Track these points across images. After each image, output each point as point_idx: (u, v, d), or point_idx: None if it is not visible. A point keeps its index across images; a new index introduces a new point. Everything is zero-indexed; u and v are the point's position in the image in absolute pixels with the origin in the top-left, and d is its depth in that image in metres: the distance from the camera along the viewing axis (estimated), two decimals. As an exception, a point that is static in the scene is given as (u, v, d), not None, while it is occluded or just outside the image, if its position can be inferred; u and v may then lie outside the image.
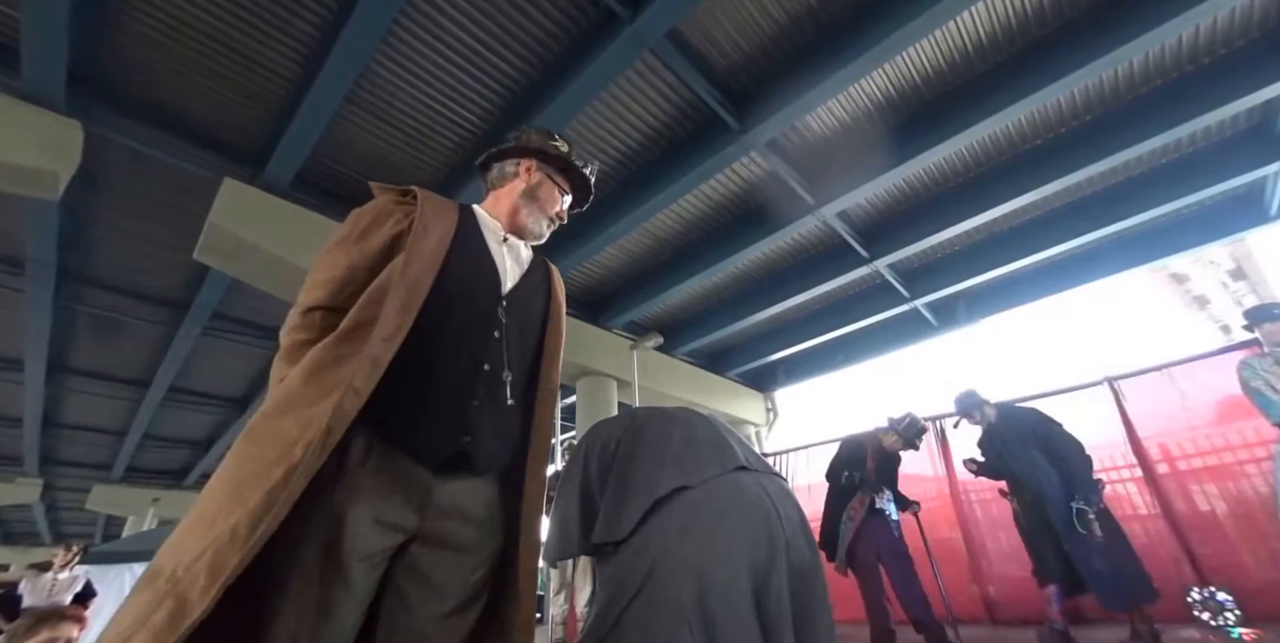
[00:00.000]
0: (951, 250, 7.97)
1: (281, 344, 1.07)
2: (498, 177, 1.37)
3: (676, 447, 1.39)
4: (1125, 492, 4.21)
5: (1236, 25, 4.96)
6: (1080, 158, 5.94)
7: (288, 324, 1.08)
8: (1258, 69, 5.00)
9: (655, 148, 6.07)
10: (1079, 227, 7.06)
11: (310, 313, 1.06)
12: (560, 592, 4.48)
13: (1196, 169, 6.34)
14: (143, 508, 15.77)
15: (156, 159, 5.48)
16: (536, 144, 1.38)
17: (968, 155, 6.38)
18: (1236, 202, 6.96)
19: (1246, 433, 3.75)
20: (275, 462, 0.83)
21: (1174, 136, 5.64)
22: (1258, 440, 3.64)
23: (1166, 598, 3.20)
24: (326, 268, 1.09)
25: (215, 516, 0.80)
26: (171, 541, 0.82)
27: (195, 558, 0.76)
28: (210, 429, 13.31)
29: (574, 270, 8.04)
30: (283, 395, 0.92)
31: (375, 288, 1.02)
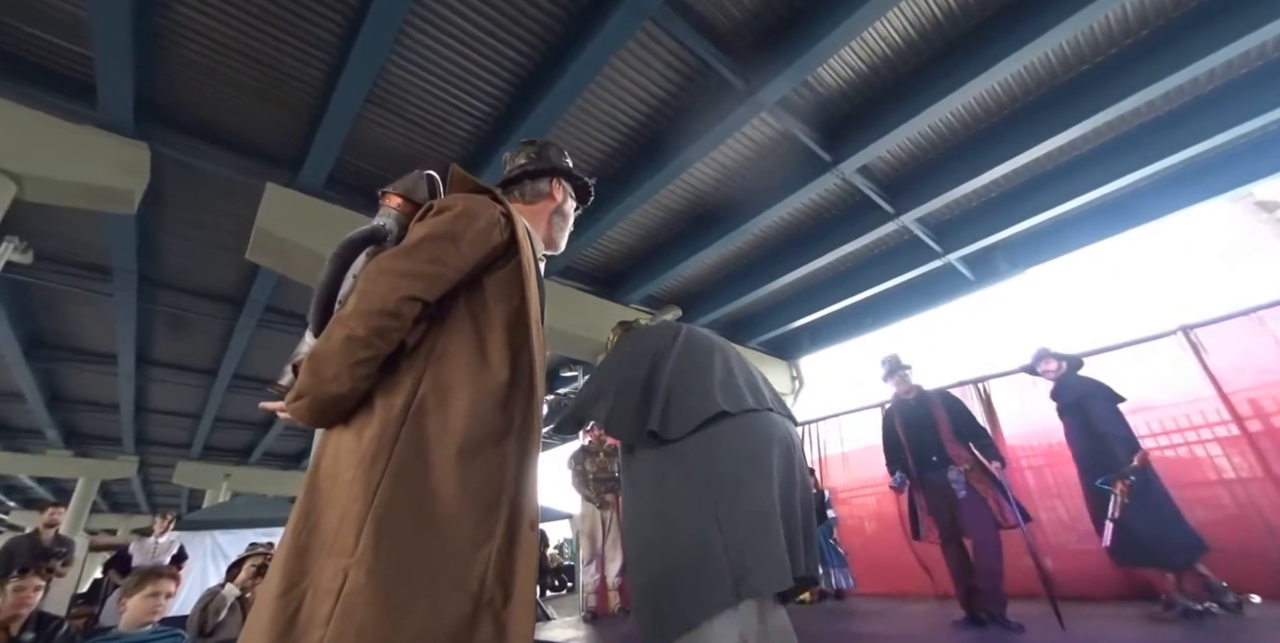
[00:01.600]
0: (987, 198, 7.51)
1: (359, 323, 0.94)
2: (531, 194, 1.37)
3: (720, 375, 1.58)
4: (1206, 454, 3.85)
5: None
6: (1135, 80, 5.34)
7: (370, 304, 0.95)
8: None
9: (662, 118, 6.00)
10: (1138, 158, 6.39)
11: (412, 303, 0.98)
12: (591, 562, 4.65)
13: (1270, 83, 5.60)
14: (217, 482, 17.88)
15: (207, 170, 6.00)
16: (559, 163, 1.44)
17: (1000, 91, 5.91)
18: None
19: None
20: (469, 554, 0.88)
21: (1238, 51, 4.98)
22: None
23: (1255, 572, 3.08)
24: (430, 259, 1.01)
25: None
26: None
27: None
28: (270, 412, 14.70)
29: (589, 248, 8.14)
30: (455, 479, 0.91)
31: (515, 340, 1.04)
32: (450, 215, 1.07)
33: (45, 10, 4.62)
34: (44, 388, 11.98)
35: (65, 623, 2.82)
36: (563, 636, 3.71)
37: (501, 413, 0.99)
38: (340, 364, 0.93)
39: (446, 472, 0.90)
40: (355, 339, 0.94)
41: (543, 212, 1.36)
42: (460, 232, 1.05)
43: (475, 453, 0.93)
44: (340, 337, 0.95)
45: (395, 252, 1.04)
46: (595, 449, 5.07)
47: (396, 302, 0.96)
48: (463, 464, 0.92)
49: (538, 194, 1.37)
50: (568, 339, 8.71)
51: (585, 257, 8.55)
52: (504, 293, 1.08)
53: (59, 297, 8.62)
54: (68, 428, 15.30)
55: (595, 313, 8.83)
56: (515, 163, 1.42)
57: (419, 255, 1.02)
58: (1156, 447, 4.07)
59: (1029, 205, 7.24)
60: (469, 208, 1.09)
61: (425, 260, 1.01)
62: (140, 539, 5.07)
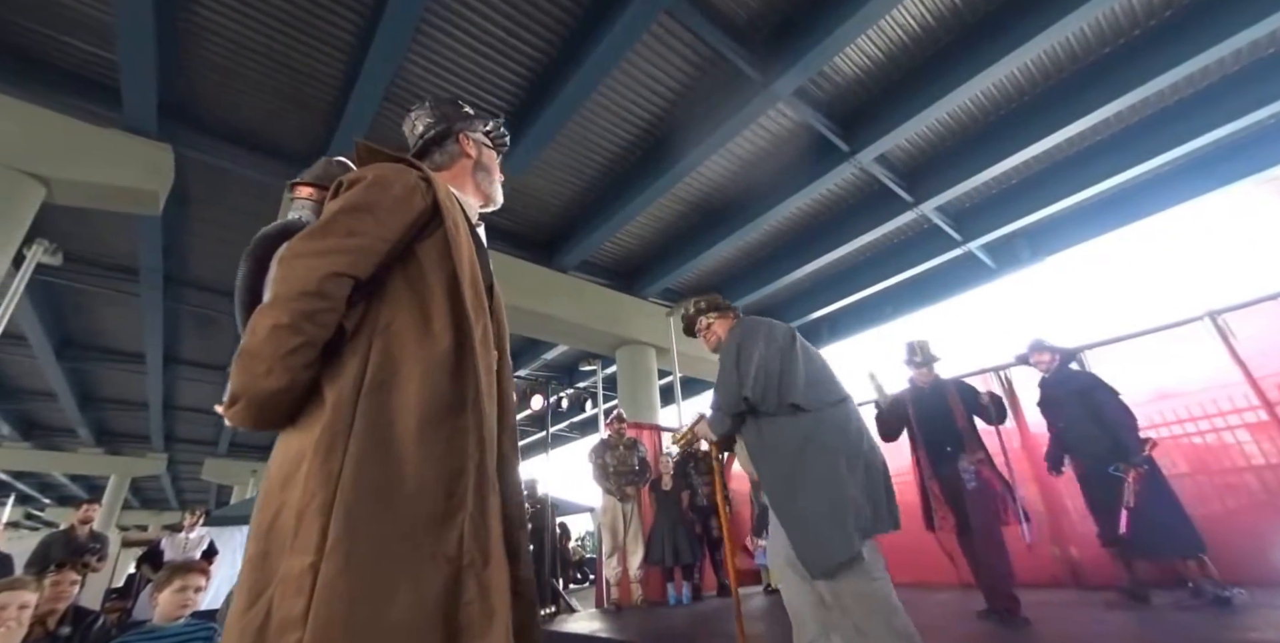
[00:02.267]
0: (1008, 185, 7.39)
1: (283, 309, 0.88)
2: (444, 157, 1.30)
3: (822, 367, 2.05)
4: (1235, 440, 3.78)
5: None
6: (1159, 62, 5.22)
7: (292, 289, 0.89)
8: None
9: (678, 111, 5.97)
10: (1163, 141, 6.26)
11: (337, 279, 0.91)
12: (613, 554, 4.68)
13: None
14: (244, 478, 18.35)
15: (229, 170, 6.09)
16: (460, 117, 1.35)
17: (1020, 76, 5.79)
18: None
19: None
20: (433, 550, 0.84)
21: (1265, 29, 4.84)
22: None
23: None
24: (347, 233, 0.94)
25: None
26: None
27: None
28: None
29: (607, 243, 8.15)
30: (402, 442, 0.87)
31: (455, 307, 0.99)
32: (362, 186, 1.00)
33: (73, 16, 4.72)
34: (75, 387, 12.30)
35: (101, 617, 2.89)
36: (586, 628, 3.74)
37: (452, 382, 0.94)
38: (271, 356, 0.86)
39: (409, 448, 0.86)
40: (281, 327, 0.86)
41: (463, 172, 1.29)
42: (375, 201, 0.98)
43: (436, 424, 0.90)
44: (265, 327, 0.87)
45: (306, 232, 0.96)
46: (615, 443, 5.08)
47: (318, 281, 0.89)
48: (424, 437, 0.88)
49: (450, 156, 1.29)
50: (588, 334, 8.74)
51: (603, 251, 8.56)
52: (439, 260, 1.02)
53: (88, 297, 8.83)
54: (99, 426, 15.72)
55: (614, 307, 8.86)
56: (415, 132, 1.33)
57: (335, 231, 0.95)
58: (1184, 433, 4.02)
59: (1051, 192, 7.11)
60: (381, 176, 1.02)
61: (343, 235, 0.94)
62: (171, 535, 5.20)
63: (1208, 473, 3.89)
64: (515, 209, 7.53)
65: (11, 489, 21.04)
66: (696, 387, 12.94)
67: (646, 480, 4.96)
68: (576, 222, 7.67)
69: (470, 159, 1.31)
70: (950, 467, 3.08)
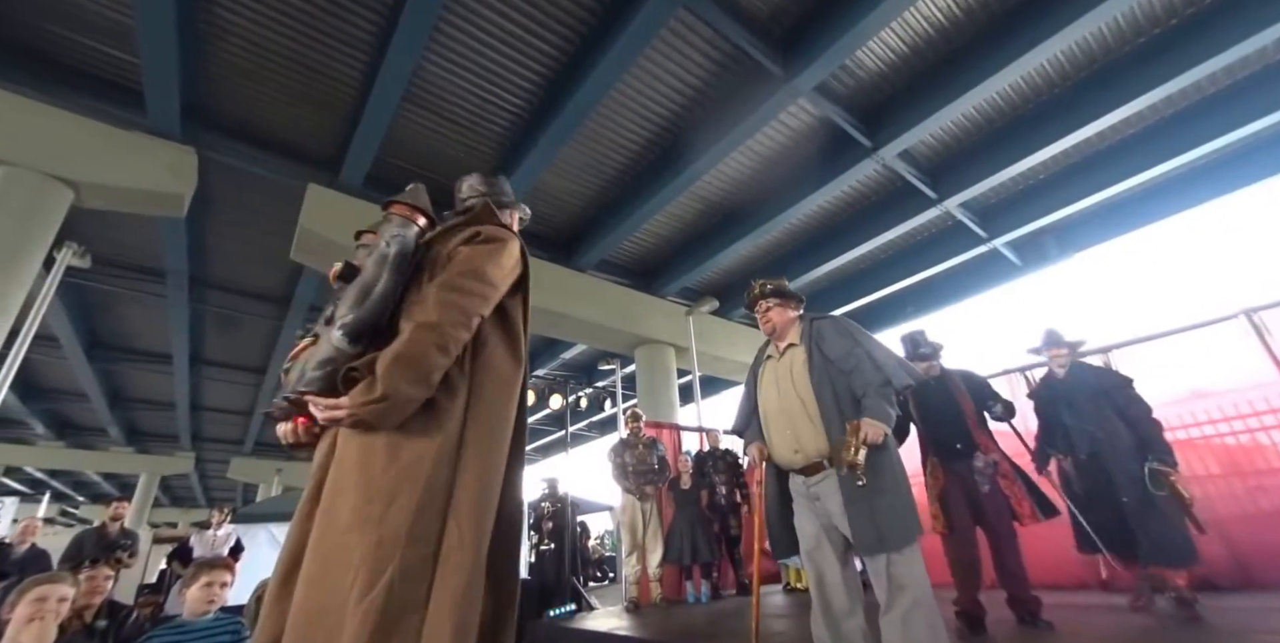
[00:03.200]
0: (1035, 180, 7.21)
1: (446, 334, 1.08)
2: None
3: None
4: (1270, 441, 3.65)
5: None
6: (1194, 54, 5.07)
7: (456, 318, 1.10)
8: None
9: (697, 108, 5.92)
10: (1195, 136, 6.08)
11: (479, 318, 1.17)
12: (632, 553, 4.66)
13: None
14: (269, 477, 18.57)
15: (251, 173, 6.17)
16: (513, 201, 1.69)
17: (1050, 69, 5.65)
18: None
19: None
20: None
21: None
22: None
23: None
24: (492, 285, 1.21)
25: None
26: None
27: None
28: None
29: (625, 242, 8.12)
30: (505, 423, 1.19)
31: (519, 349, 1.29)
32: (503, 249, 1.27)
33: (95, 20, 4.79)
34: (105, 387, 12.61)
35: (135, 611, 2.96)
36: (606, 625, 3.73)
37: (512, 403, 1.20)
38: (425, 370, 1.04)
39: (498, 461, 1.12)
40: (441, 348, 1.06)
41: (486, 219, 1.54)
42: (506, 264, 1.26)
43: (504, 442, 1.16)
44: (428, 344, 1.04)
45: (469, 273, 1.17)
46: (634, 442, 5.05)
47: (473, 319, 1.13)
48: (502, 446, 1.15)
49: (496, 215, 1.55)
50: (606, 333, 8.73)
51: (622, 250, 8.54)
52: (514, 311, 1.32)
53: (115, 299, 9.03)
54: (128, 426, 16.11)
55: (631, 306, 8.84)
56: (476, 189, 1.61)
57: (487, 279, 1.19)
58: (1217, 434, 3.88)
59: (1080, 188, 6.92)
60: (511, 246, 1.30)
61: (490, 285, 1.19)
62: (200, 532, 5.29)
63: (1240, 474, 3.76)
64: (535, 208, 7.51)
65: (47, 487, 21.72)
66: (716, 386, 12.87)
67: (665, 479, 4.93)
68: (595, 221, 7.65)
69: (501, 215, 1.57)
70: (963, 465, 2.92)
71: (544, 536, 5.10)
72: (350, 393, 1.02)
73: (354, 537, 0.96)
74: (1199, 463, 3.83)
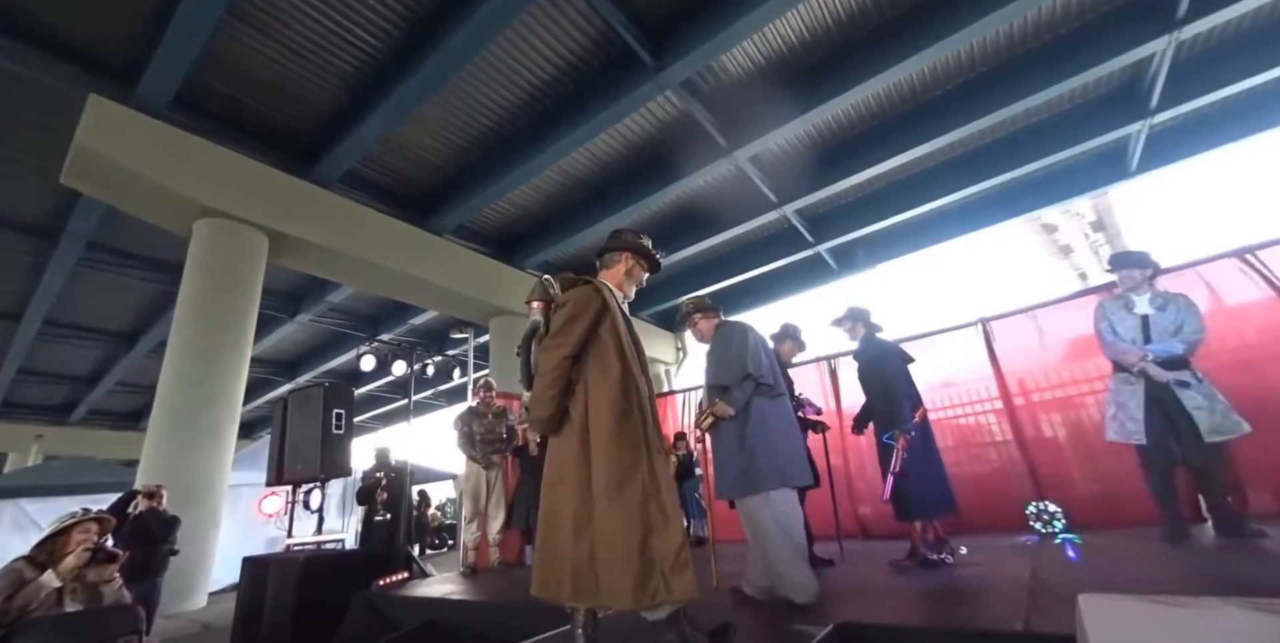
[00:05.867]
0: (854, 197, 8.42)
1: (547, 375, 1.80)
2: (608, 263, 2.16)
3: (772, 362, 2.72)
4: (987, 422, 4.74)
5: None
6: (972, 110, 6.34)
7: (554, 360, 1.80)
8: (1125, 33, 5.45)
9: (568, 81, 5.91)
10: (968, 178, 7.62)
11: (566, 359, 1.80)
12: (474, 520, 4.68)
13: (1070, 126, 6.93)
14: (25, 444, 15.12)
15: (11, 72, 4.86)
16: (631, 241, 2.17)
17: (874, 102, 6.59)
18: (1102, 158, 7.65)
19: (1089, 369, 4.22)
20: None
21: (1052, 94, 6.09)
22: (1098, 375, 4.09)
23: (1011, 511, 3.81)
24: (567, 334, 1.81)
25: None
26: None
27: None
28: (95, 364, 12.60)
29: (486, 209, 7.89)
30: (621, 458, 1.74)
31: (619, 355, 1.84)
32: (568, 309, 1.86)
33: None
34: None
35: None
36: (440, 591, 3.77)
37: (623, 397, 1.79)
38: (543, 400, 1.80)
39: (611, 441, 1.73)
40: (545, 386, 1.80)
41: (616, 274, 2.13)
42: (577, 314, 1.84)
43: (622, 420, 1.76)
44: (540, 388, 1.81)
45: (551, 334, 1.86)
46: (484, 411, 5.03)
47: (559, 361, 1.79)
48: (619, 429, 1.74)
49: (613, 262, 2.14)
50: (461, 301, 8.45)
51: (483, 218, 8.25)
52: (610, 334, 1.86)
53: None
54: None
55: (489, 275, 8.63)
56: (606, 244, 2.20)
57: (562, 334, 1.82)
58: (961, 415, 4.93)
59: (887, 208, 8.27)
60: (577, 299, 1.87)
61: (565, 335, 1.81)
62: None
63: (969, 446, 4.85)
64: (388, 161, 6.96)
65: None
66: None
67: (512, 448, 5.02)
68: (456, 184, 7.30)
69: (624, 267, 2.14)
70: None
71: (377, 506, 4.91)
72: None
73: (563, 495, 1.77)
74: (942, 437, 4.58)
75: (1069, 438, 4.31)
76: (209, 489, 5.47)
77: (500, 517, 4.73)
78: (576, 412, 1.79)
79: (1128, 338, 3.05)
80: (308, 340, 11.94)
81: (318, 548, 4.42)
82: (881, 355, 3.47)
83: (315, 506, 4.81)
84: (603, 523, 1.66)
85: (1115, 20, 5.53)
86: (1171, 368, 2.87)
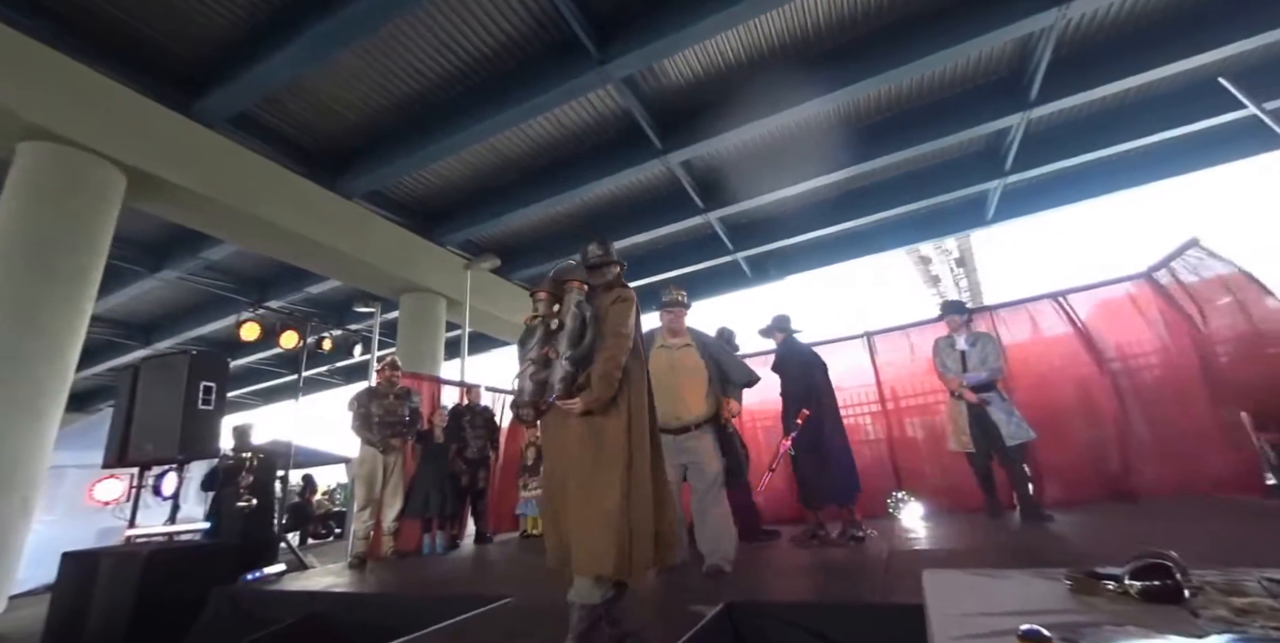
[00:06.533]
0: (773, 213, 8.99)
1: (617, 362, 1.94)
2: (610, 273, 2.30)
3: None
4: (864, 423, 5.38)
5: (983, 65, 6.28)
6: (871, 151, 7.11)
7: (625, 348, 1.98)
8: (991, 106, 6.51)
9: (508, 58, 5.77)
10: (864, 209, 8.53)
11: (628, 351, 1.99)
12: (366, 507, 4.44)
13: (945, 176, 8.04)
14: None
15: None
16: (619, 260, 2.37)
17: (795, 129, 7.06)
18: (968, 206, 8.98)
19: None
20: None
21: (932, 147, 7.05)
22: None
23: (878, 500, 4.41)
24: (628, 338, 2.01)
25: None
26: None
27: None
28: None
29: (408, 177, 7.48)
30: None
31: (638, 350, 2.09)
32: (630, 308, 2.05)
33: None
34: None
35: None
36: (322, 583, 3.55)
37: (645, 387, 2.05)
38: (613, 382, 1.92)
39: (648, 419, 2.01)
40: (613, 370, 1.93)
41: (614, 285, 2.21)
42: (635, 311, 2.08)
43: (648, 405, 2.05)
44: (609, 371, 1.91)
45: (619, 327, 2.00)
46: (385, 391, 4.79)
47: (625, 352, 1.97)
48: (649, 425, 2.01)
49: (614, 276, 2.28)
50: (369, 272, 7.92)
51: (403, 187, 7.79)
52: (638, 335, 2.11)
53: None
54: None
55: (405, 248, 8.16)
56: (595, 253, 2.31)
57: (628, 327, 2.01)
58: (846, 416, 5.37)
59: (799, 225, 8.96)
60: (633, 303, 2.07)
61: (627, 336, 2.00)
62: None
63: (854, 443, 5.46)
64: (294, 111, 6.33)
65: None
66: (485, 343, 12.71)
67: (413, 432, 4.86)
68: (373, 145, 6.82)
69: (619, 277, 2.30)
70: None
71: (240, 491, 4.42)
72: (580, 395, 1.91)
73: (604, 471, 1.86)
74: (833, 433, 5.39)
75: (925, 438, 5.05)
76: (22, 470, 4.46)
77: (397, 504, 4.56)
78: (622, 408, 1.94)
79: (953, 369, 3.97)
80: (173, 301, 10.49)
81: (169, 540, 3.93)
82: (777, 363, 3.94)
83: (169, 492, 4.29)
84: (639, 500, 1.83)
85: (984, 93, 6.53)
86: (981, 390, 3.81)
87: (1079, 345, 4.61)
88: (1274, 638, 1.15)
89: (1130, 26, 5.86)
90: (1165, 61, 5.80)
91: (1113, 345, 4.54)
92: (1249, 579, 1.59)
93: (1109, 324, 4.60)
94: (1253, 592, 1.53)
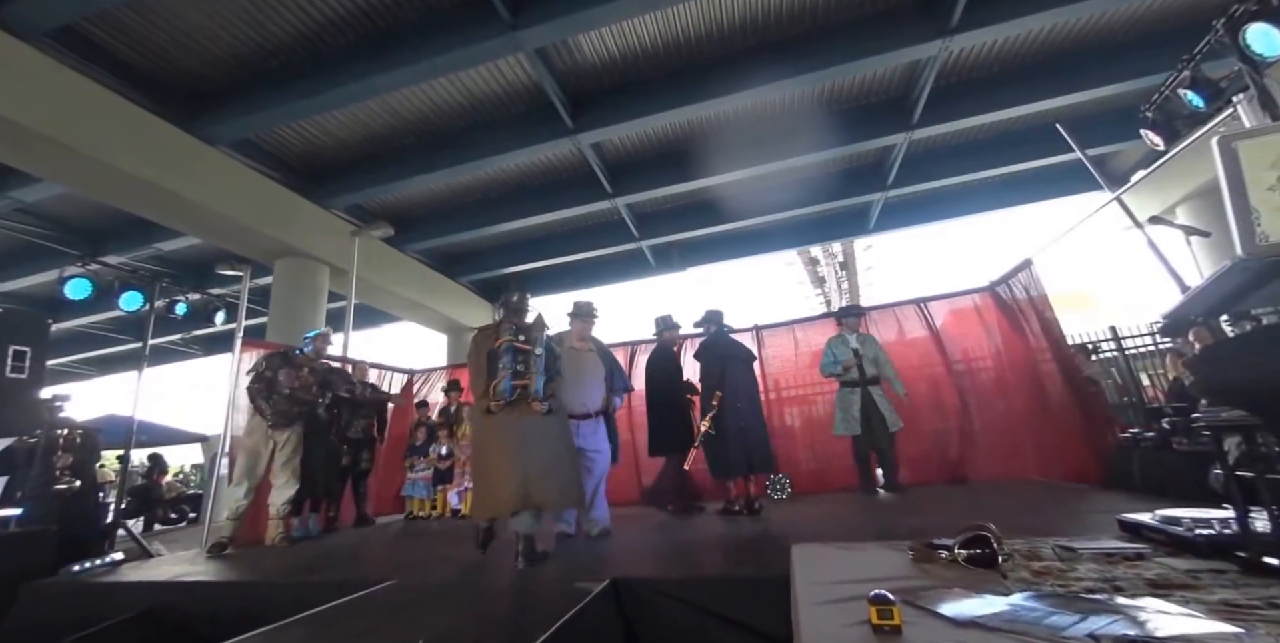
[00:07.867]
0: (677, 205, 9.19)
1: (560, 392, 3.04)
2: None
3: None
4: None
5: (879, 84, 6.80)
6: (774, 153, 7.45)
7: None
8: (878, 124, 7.10)
9: (409, 9, 5.30)
10: (764, 208, 8.96)
11: None
12: (243, 483, 3.94)
13: (835, 185, 8.69)
14: None
15: None
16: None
17: (709, 121, 7.17)
18: (854, 215, 9.83)
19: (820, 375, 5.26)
20: None
21: (827, 156, 7.61)
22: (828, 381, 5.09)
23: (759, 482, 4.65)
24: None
25: None
26: None
27: None
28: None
29: (286, 128, 6.66)
30: None
31: None
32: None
33: None
34: None
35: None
36: (168, 573, 3.17)
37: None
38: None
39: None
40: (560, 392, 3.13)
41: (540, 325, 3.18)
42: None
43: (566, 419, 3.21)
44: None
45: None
46: (304, 362, 4.32)
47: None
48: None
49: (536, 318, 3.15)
50: (237, 231, 7.01)
51: (282, 139, 6.90)
52: None
53: None
54: None
55: (283, 207, 7.30)
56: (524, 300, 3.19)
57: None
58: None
59: (701, 219, 9.23)
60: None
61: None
62: None
63: None
64: (148, 37, 5.34)
65: None
66: (373, 317, 11.75)
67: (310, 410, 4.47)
68: (244, 87, 5.93)
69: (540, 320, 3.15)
70: None
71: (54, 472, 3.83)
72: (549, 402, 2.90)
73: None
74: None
75: (803, 427, 5.50)
76: None
77: (291, 486, 4.12)
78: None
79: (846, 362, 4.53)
80: (-33, 247, 8.59)
81: (-37, 529, 3.31)
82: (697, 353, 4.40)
83: (-41, 473, 3.61)
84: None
85: (875, 111, 7.10)
86: (871, 383, 4.50)
87: (933, 347, 5.25)
88: (1059, 593, 1.42)
89: (998, 67, 6.66)
90: (1020, 102, 6.68)
91: (959, 349, 5.21)
92: (1045, 546, 1.93)
93: (957, 329, 5.28)
94: (1047, 556, 1.86)
